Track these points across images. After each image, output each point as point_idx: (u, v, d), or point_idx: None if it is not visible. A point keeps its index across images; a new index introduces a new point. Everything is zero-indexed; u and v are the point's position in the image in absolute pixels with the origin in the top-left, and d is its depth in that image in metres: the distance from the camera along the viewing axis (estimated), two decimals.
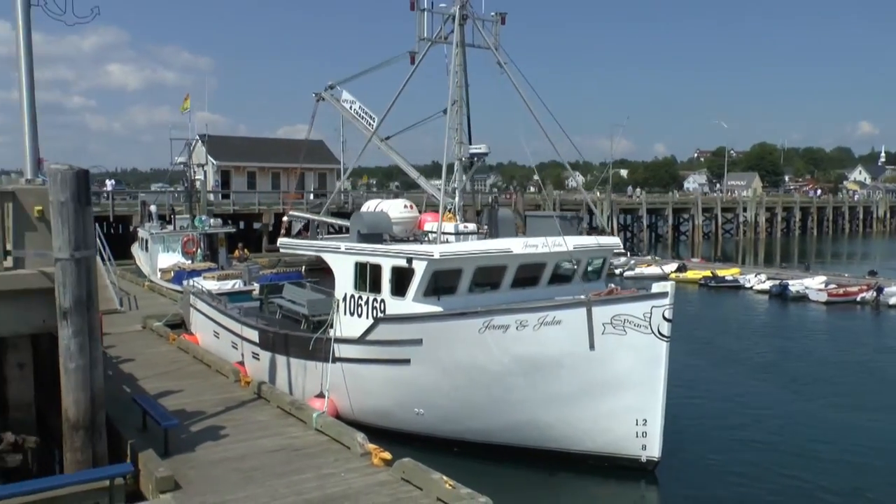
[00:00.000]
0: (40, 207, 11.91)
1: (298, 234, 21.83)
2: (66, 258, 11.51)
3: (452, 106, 17.89)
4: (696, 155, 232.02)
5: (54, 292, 12.00)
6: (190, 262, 36.98)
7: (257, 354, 19.16)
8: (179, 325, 26.82)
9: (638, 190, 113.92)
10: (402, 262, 15.68)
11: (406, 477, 12.35)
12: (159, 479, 11.71)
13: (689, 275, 48.14)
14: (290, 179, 61.95)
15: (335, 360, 16.48)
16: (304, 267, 29.77)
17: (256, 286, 26.81)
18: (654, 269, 48.52)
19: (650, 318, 14.11)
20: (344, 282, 17.04)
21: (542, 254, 16.32)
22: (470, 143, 18.25)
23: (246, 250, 44.90)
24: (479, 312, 14.65)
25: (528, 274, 16.65)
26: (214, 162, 53.25)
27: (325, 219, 20.65)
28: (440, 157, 17.20)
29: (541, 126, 17.74)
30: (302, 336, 17.71)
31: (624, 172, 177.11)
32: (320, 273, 37.83)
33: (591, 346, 14.34)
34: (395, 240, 17.44)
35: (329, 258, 17.54)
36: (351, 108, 20.68)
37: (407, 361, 15.53)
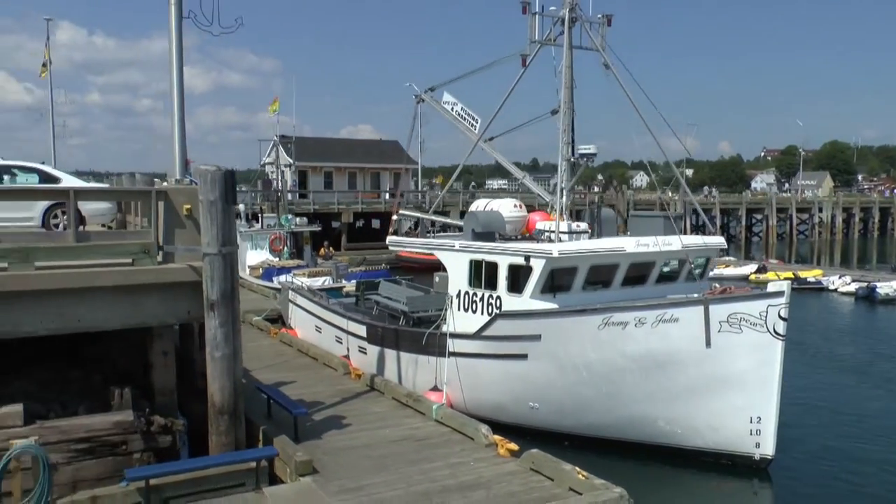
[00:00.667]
0: (189, 206, 12.57)
1: (407, 233, 22.37)
2: (215, 253, 12.18)
3: (561, 107, 18.24)
4: (762, 154, 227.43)
5: (200, 285, 12.74)
6: (277, 259, 38.04)
7: (364, 348, 19.73)
8: (275, 319, 27.65)
9: (713, 190, 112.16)
10: (520, 260, 16.05)
11: (535, 467, 12.68)
12: (299, 463, 12.29)
13: (770, 276, 47.46)
14: (366, 179, 63.09)
15: (449, 354, 16.93)
16: (386, 265, 30.50)
17: (345, 283, 27.47)
18: (734, 270, 47.96)
19: (766, 316, 14.22)
20: (458, 279, 17.48)
21: (654, 252, 16.53)
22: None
23: (331, 248, 45.92)
24: (598, 309, 14.95)
25: (638, 272, 16.87)
26: (293, 163, 54.31)
27: (435, 217, 21.17)
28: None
29: (647, 127, 17.95)
30: (414, 331, 18.21)
31: (689, 172, 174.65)
32: (399, 271, 38.71)
33: (708, 344, 14.51)
34: (506, 238, 17.82)
35: (442, 256, 18.01)
36: (452, 109, 21.15)
37: (524, 356, 15.88)
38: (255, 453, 12.26)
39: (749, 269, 48.93)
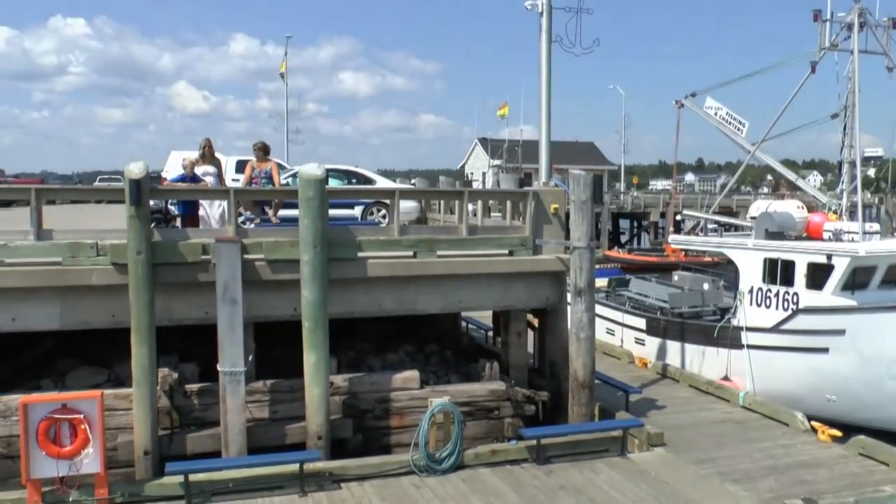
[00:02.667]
0: (556, 205, 14.41)
1: (689, 232, 23.57)
2: (584, 247, 13.91)
3: (844, 110, 19.04)
4: None
5: (560, 275, 14.59)
6: None
7: (642, 340, 21.16)
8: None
9: None
10: (821, 259, 17.01)
11: (866, 452, 13.62)
12: (652, 435, 13.85)
13: None
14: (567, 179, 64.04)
15: (743, 346, 18.10)
16: (616, 264, 31.68)
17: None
18: None
19: None
20: (750, 275, 18.58)
21: None
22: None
23: None
24: None
25: None
26: (493, 163, 56.18)
27: (717, 217, 22.32)
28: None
29: None
30: (703, 324, 19.49)
31: (870, 171, 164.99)
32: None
33: None
34: (790, 237, 18.76)
35: (734, 254, 19.17)
36: (716, 114, 22.15)
37: (825, 350, 16.82)
38: (622, 423, 13.92)
39: None
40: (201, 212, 14.14)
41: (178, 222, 14.29)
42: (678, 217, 22.19)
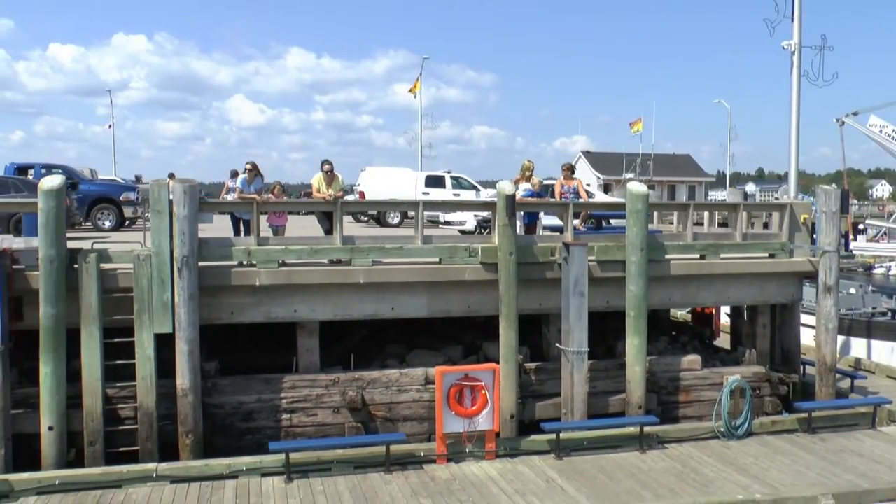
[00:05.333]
0: (806, 216, 16.93)
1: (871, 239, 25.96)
2: (833, 251, 16.39)
3: None
4: None
5: (806, 276, 17.08)
6: None
7: None
8: None
9: None
10: None
11: None
12: (893, 412, 16.32)
13: None
14: (664, 192, 66.95)
15: None
16: None
17: None
18: None
19: None
20: None
21: None
22: None
23: None
24: None
25: None
26: (600, 176, 58.80)
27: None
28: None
29: None
30: (891, 322, 21.98)
31: None
32: None
33: None
34: None
35: None
36: (881, 131, 24.53)
37: None
38: (874, 400, 16.41)
39: None
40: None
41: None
42: (860, 226, 24.40)
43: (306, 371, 14.30)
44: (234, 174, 17.72)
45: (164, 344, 13.13)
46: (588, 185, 19.77)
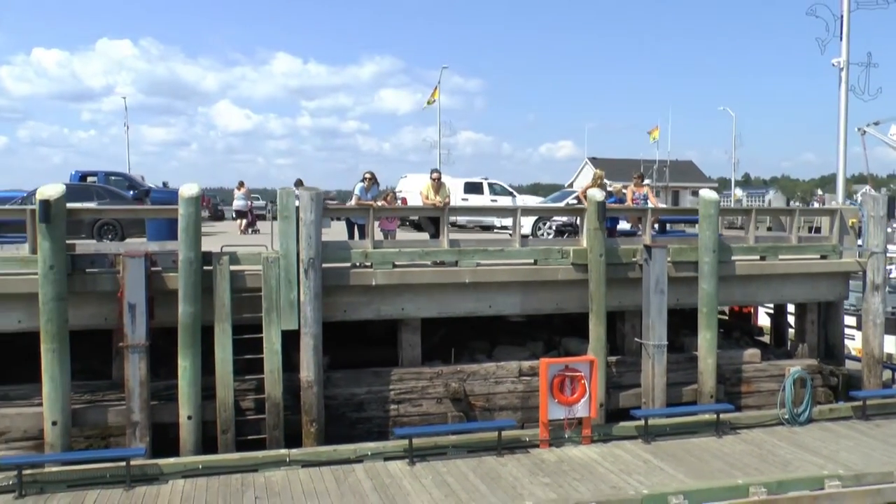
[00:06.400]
0: (854, 220, 18.33)
1: None
2: (880, 252, 17.83)
3: None
4: None
5: (850, 276, 18.48)
6: None
7: None
8: None
9: None
10: None
11: None
12: None
13: None
14: (667, 197, 68.24)
15: None
16: None
17: None
18: None
19: None
20: None
21: None
22: None
23: None
24: None
25: None
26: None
27: None
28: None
29: None
30: None
31: None
32: None
33: None
34: None
35: None
36: None
37: None
38: None
39: None
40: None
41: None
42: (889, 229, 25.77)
43: (410, 365, 15.46)
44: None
45: (285, 339, 14.24)
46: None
